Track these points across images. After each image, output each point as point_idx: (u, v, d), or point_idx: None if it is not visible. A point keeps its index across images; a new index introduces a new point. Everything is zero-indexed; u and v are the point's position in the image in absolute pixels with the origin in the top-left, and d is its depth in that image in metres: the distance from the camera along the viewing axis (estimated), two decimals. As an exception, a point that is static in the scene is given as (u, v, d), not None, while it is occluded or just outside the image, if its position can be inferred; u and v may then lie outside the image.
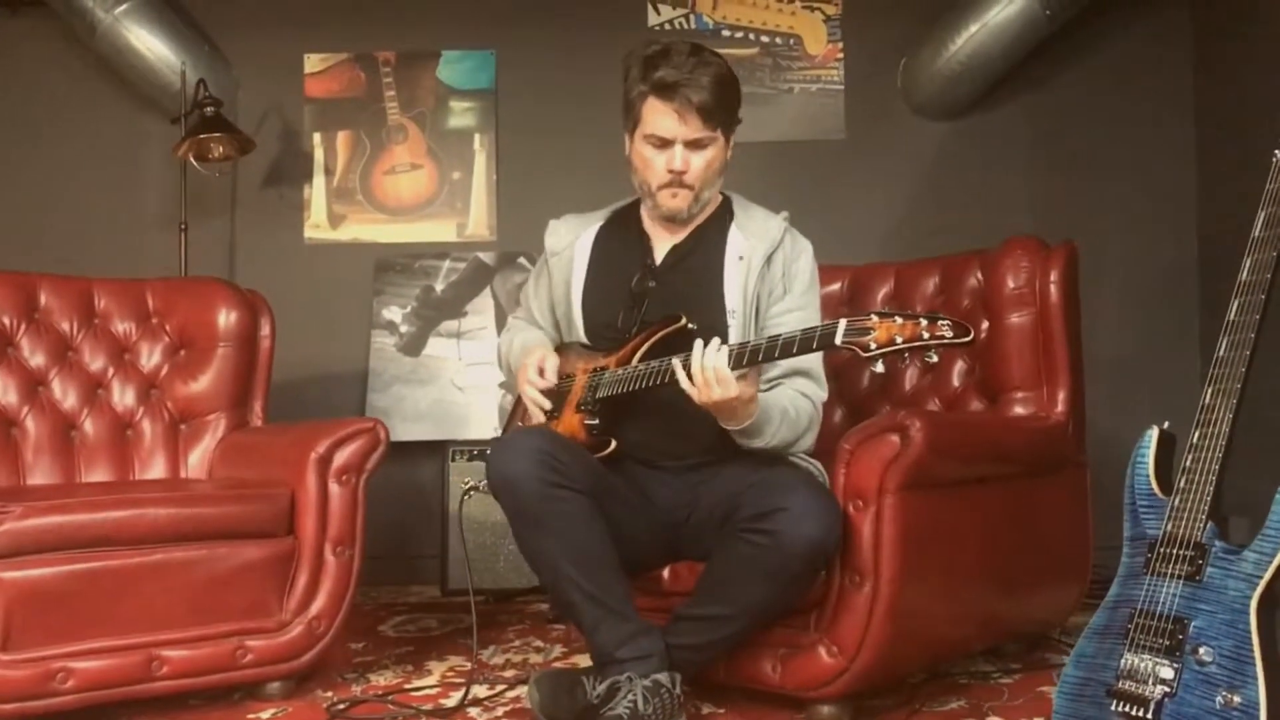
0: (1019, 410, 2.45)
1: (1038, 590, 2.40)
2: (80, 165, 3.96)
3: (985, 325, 2.53)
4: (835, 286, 2.89)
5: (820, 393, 2.16)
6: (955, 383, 2.61)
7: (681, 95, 2.07)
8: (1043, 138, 3.91)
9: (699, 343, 1.94)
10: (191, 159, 3.60)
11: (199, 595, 2.20)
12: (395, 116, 4.01)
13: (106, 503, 2.16)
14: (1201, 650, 1.44)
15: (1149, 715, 1.46)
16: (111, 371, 2.82)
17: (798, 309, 2.19)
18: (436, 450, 3.67)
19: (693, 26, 3.98)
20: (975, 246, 3.75)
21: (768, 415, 2.01)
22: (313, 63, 4.02)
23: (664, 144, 2.12)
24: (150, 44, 3.76)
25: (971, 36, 3.64)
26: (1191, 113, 3.86)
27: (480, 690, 2.36)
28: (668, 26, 3.99)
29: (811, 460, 2.14)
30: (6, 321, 2.72)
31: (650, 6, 3.98)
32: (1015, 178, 3.92)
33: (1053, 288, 2.41)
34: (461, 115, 4.02)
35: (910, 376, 2.70)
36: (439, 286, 3.94)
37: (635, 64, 2.15)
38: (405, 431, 3.78)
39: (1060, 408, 2.40)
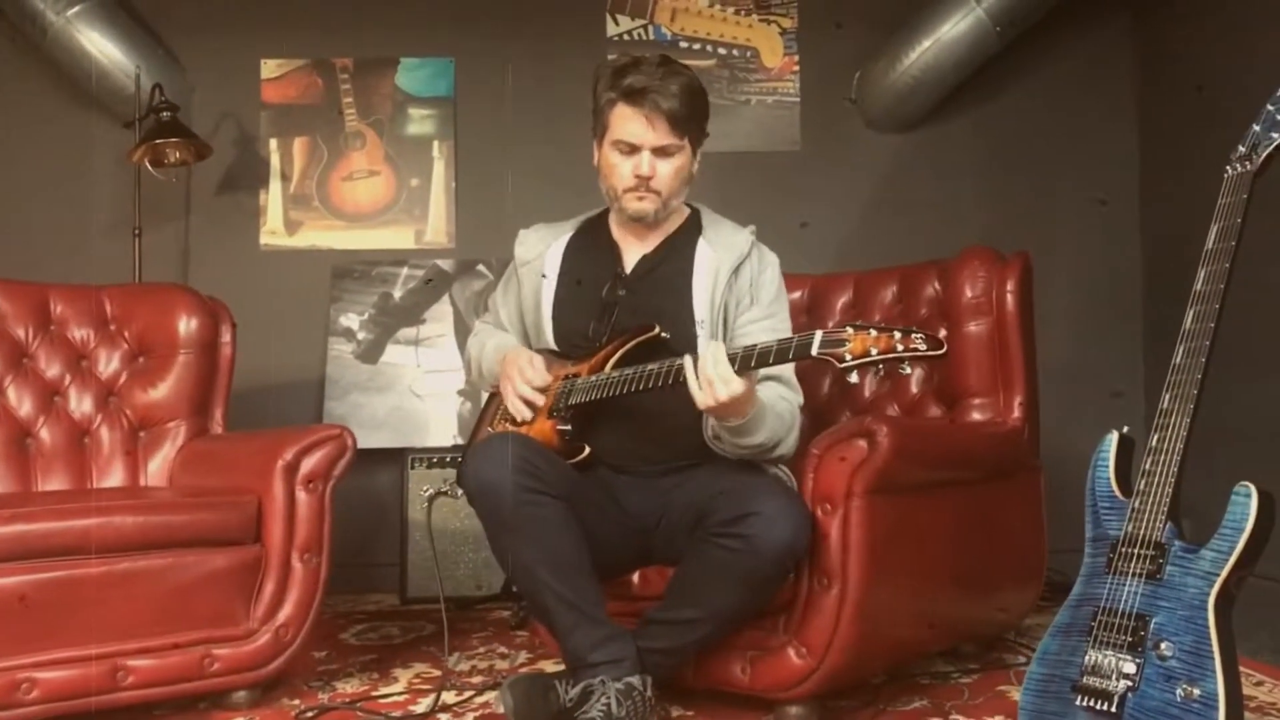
0: (976, 416, 2.51)
1: (996, 592, 2.47)
2: (30, 169, 3.89)
3: (943, 333, 2.58)
4: (795, 295, 2.93)
5: (797, 397, 2.20)
6: (914, 389, 2.68)
7: (650, 101, 2.10)
8: (993, 149, 4.00)
9: (707, 346, 1.95)
10: (147, 164, 3.55)
11: (165, 604, 2.19)
12: (353, 123, 4.00)
13: (72, 511, 2.13)
14: (1162, 645, 1.50)
15: (1113, 709, 1.52)
16: (68, 379, 2.78)
17: (766, 318, 2.23)
18: (395, 458, 3.67)
19: (651, 38, 4.03)
20: (928, 256, 3.83)
21: (763, 411, 2.04)
22: (269, 68, 3.99)
23: (632, 150, 2.15)
24: (103, 47, 3.71)
25: (924, 51, 3.72)
26: (1135, 125, 3.98)
27: (449, 696, 2.36)
28: (626, 38, 4.02)
29: (780, 466, 2.18)
30: (-40, 328, 2.67)
31: (609, 17, 4.02)
32: (967, 189, 4.01)
33: (1009, 297, 2.48)
34: (420, 122, 4.02)
35: (870, 383, 2.76)
36: (397, 294, 3.94)
37: (605, 74, 2.19)
38: (363, 439, 3.68)
39: (1016, 413, 2.47)
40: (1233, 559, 1.47)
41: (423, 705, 2.30)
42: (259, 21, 3.97)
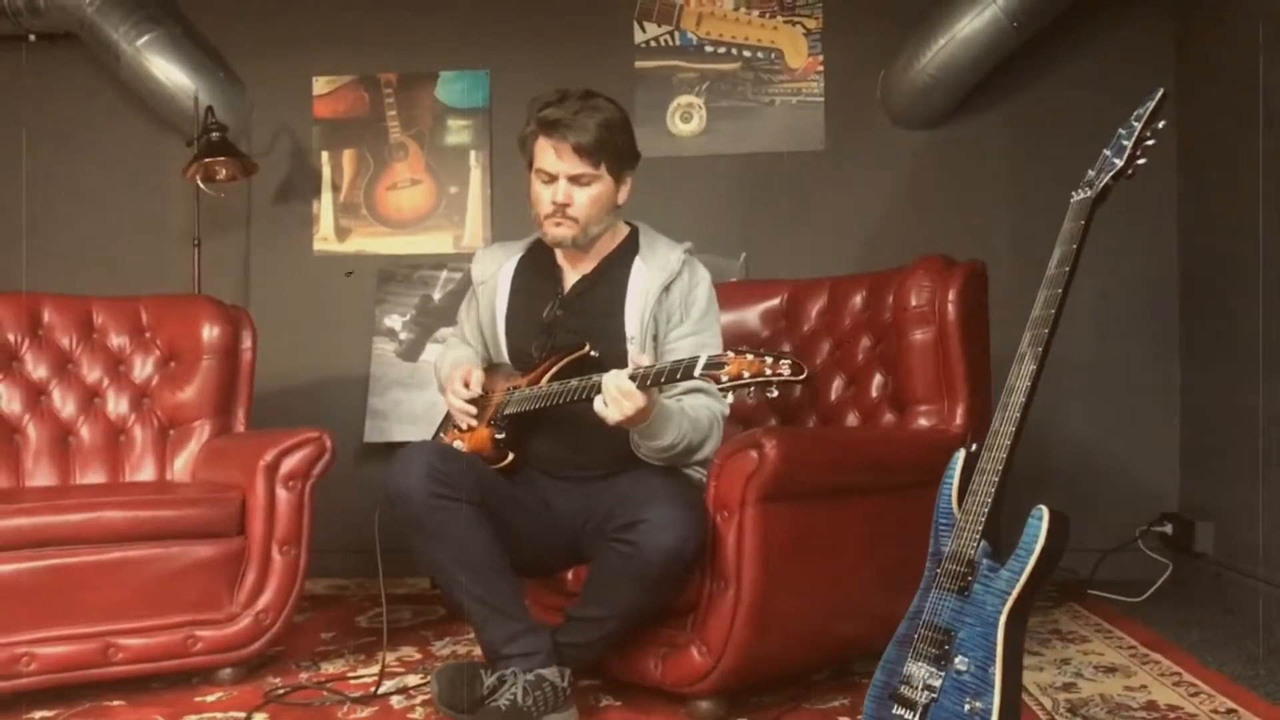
0: (923, 422, 2.56)
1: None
2: (111, 185, 4.28)
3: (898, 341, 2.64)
4: (775, 301, 3.03)
5: (719, 405, 2.30)
6: (874, 394, 2.73)
7: (561, 133, 2.24)
8: (1021, 145, 3.96)
9: (612, 374, 2.09)
10: (199, 181, 3.87)
11: (152, 589, 2.45)
12: (396, 135, 4.24)
13: (66, 506, 2.42)
14: (958, 660, 1.56)
15: (917, 717, 1.59)
16: (107, 382, 3.09)
17: (693, 334, 2.34)
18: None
19: (677, 44, 4.13)
20: (955, 251, 3.86)
21: (667, 414, 2.17)
22: (320, 85, 4.26)
23: (550, 179, 2.29)
24: (168, 72, 4.05)
25: (941, 49, 3.71)
26: (1173, 121, 3.86)
27: (413, 679, 2.57)
28: (653, 44, 4.14)
29: (697, 469, 2.29)
30: (12, 338, 3.01)
31: (637, 25, 4.14)
32: (993, 185, 3.98)
33: (950, 307, 2.51)
34: (458, 133, 4.23)
35: (836, 389, 2.82)
36: (436, 295, 4.16)
37: (533, 107, 2.33)
38: (402, 433, 4.01)
39: (959, 421, 2.50)
40: (1024, 578, 1.52)
41: (385, 687, 2.50)
42: (311, 42, 4.25)
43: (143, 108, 4.19)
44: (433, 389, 4.05)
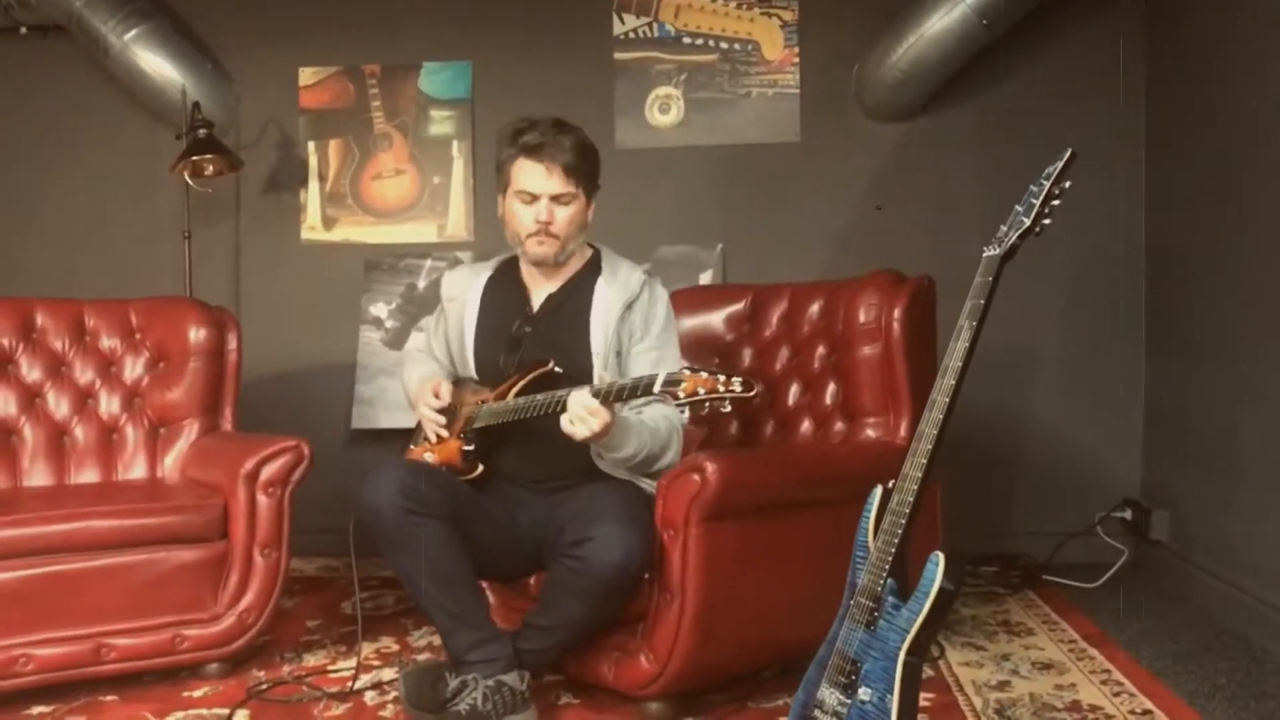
0: (870, 434, 2.68)
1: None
2: (102, 177, 4.37)
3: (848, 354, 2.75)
4: (739, 306, 3.13)
5: (676, 416, 2.43)
6: (827, 402, 2.84)
7: (547, 154, 2.36)
8: (993, 137, 4.03)
9: (576, 392, 2.22)
10: (188, 177, 3.97)
11: (140, 592, 2.61)
12: (381, 125, 4.33)
13: (55, 517, 2.57)
14: (862, 690, 1.70)
15: (824, 742, 1.74)
16: (99, 383, 3.23)
17: (654, 349, 2.47)
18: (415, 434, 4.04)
19: (655, 35, 4.19)
20: (927, 245, 3.97)
21: (627, 426, 2.31)
22: (306, 76, 4.34)
23: (533, 199, 2.41)
24: (157, 66, 4.12)
25: (911, 46, 3.77)
26: (1141, 113, 3.93)
27: (388, 674, 2.73)
28: (632, 35, 4.20)
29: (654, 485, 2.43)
30: (6, 342, 3.14)
31: (616, 17, 4.19)
32: (965, 176, 4.05)
33: (895, 324, 2.62)
34: (441, 123, 4.31)
35: (793, 395, 2.94)
36: (421, 284, 4.28)
37: (505, 134, 2.44)
38: (389, 419, 4.16)
39: (903, 433, 2.62)
40: (921, 617, 1.65)
41: (362, 681, 2.66)
42: (297, 33, 4.31)
43: (132, 100, 4.28)
44: (418, 376, 4.21)
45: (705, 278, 4.10)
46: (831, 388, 2.83)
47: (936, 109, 4.05)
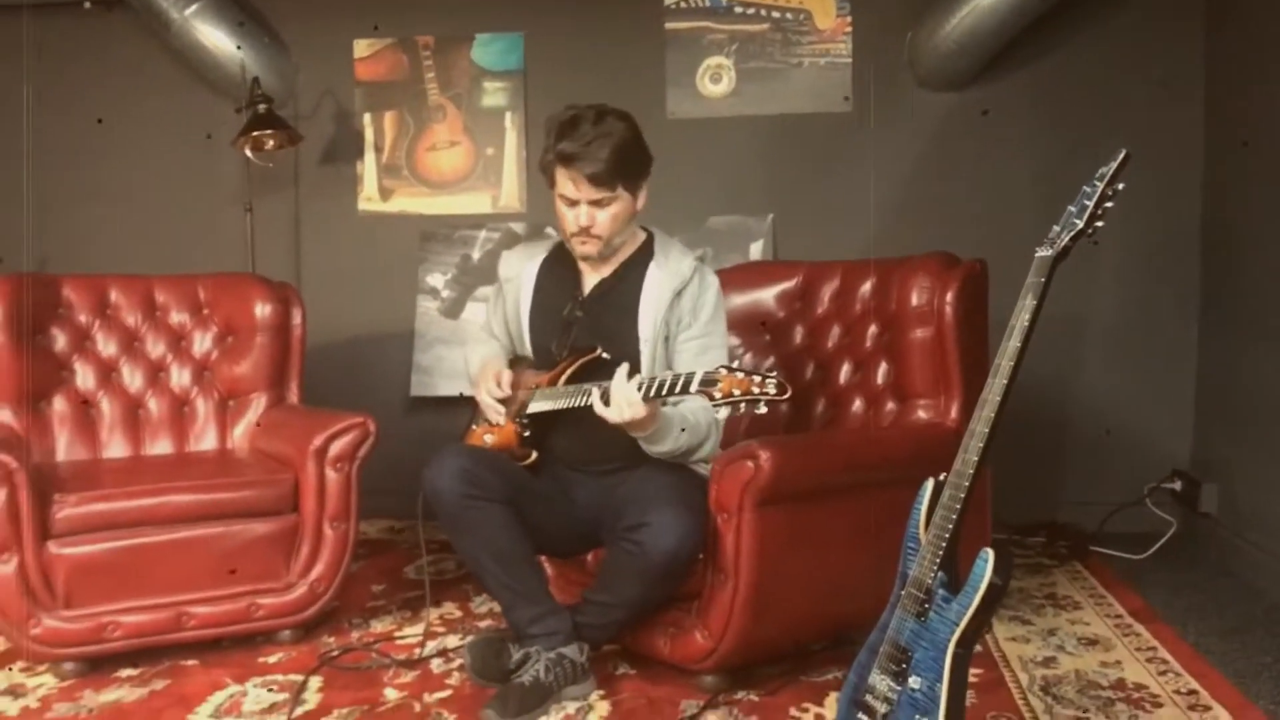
0: (922, 415, 2.72)
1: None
2: (164, 150, 4.47)
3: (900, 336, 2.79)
4: (791, 283, 3.17)
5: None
6: (879, 382, 2.89)
7: (577, 166, 2.39)
8: (1048, 107, 4.00)
9: (620, 373, 2.28)
10: (248, 151, 4.06)
11: (218, 563, 2.73)
12: (435, 97, 4.38)
13: (139, 492, 2.69)
14: (912, 679, 1.76)
15: (876, 726, 1.81)
16: (170, 357, 3.35)
17: (700, 337, 2.52)
18: (472, 403, 4.13)
19: (707, 4, 4.19)
20: (978, 216, 3.98)
21: (669, 424, 2.38)
22: (361, 48, 4.40)
23: (572, 203, 2.45)
24: (216, 40, 4.20)
25: (965, 15, 3.74)
26: (1201, 79, 3.88)
27: (452, 640, 2.84)
28: (684, 5, 4.20)
29: (703, 464, 2.49)
30: (83, 319, 3.27)
31: (667, -14, 4.20)
32: (1018, 147, 4.03)
33: (948, 308, 2.65)
34: (494, 95, 4.36)
35: (845, 374, 2.99)
36: (475, 255, 4.36)
37: (550, 131, 2.46)
38: (446, 387, 4.27)
39: (954, 415, 2.66)
40: (970, 612, 1.71)
41: (428, 649, 2.78)
42: (351, 5, 4.36)
43: (193, 74, 4.36)
44: (473, 345, 4.30)
45: (756, 248, 4.14)
46: (883, 367, 2.88)
47: (989, 78, 4.02)
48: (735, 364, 2.18)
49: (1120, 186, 1.79)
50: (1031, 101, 4.01)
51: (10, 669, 2.69)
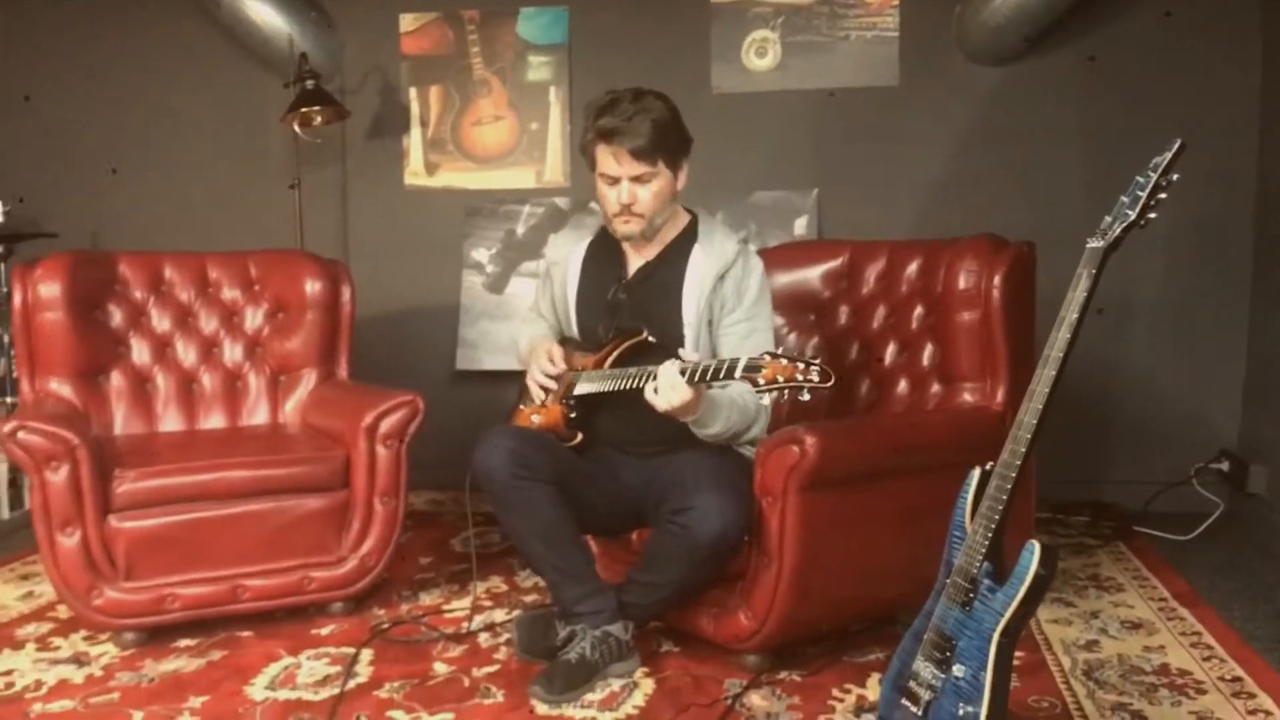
0: (967, 398, 2.72)
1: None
2: (214, 125, 4.53)
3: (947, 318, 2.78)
4: (836, 263, 3.16)
5: None
6: (924, 364, 2.89)
7: (619, 140, 2.40)
8: (1097, 82, 3.94)
9: (667, 366, 2.29)
10: (296, 127, 4.10)
11: (272, 537, 2.80)
12: (480, 71, 4.40)
13: (197, 467, 2.76)
14: (956, 667, 1.78)
15: (919, 712, 1.83)
16: (223, 333, 3.41)
17: (745, 320, 2.53)
18: (516, 378, 4.18)
19: (753, -23, 4.16)
20: (1024, 193, 3.94)
21: (716, 406, 2.40)
22: (407, 22, 4.42)
23: (613, 181, 2.47)
24: (264, 15, 4.23)
25: (1014, -10, 3.69)
26: (1259, 59, 3.80)
27: (499, 614, 2.90)
28: (730, -21, 4.17)
29: (748, 447, 2.51)
30: (139, 295, 3.33)
31: (713, -41, 4.17)
32: (1067, 122, 3.99)
33: (995, 292, 2.64)
34: (538, 69, 4.36)
35: (890, 354, 2.99)
36: (520, 230, 4.38)
37: (588, 112, 2.48)
38: (491, 362, 4.32)
39: (1000, 399, 2.66)
40: (1015, 603, 1.73)
41: (475, 623, 2.83)
42: (397, -22, 4.38)
43: (241, 49, 4.40)
44: (518, 320, 4.33)
45: (800, 223, 4.13)
46: (929, 349, 2.87)
47: (1038, 53, 3.96)
48: (780, 348, 2.19)
49: (1174, 177, 1.76)
50: (1082, 78, 3.95)
51: (72, 637, 2.78)
